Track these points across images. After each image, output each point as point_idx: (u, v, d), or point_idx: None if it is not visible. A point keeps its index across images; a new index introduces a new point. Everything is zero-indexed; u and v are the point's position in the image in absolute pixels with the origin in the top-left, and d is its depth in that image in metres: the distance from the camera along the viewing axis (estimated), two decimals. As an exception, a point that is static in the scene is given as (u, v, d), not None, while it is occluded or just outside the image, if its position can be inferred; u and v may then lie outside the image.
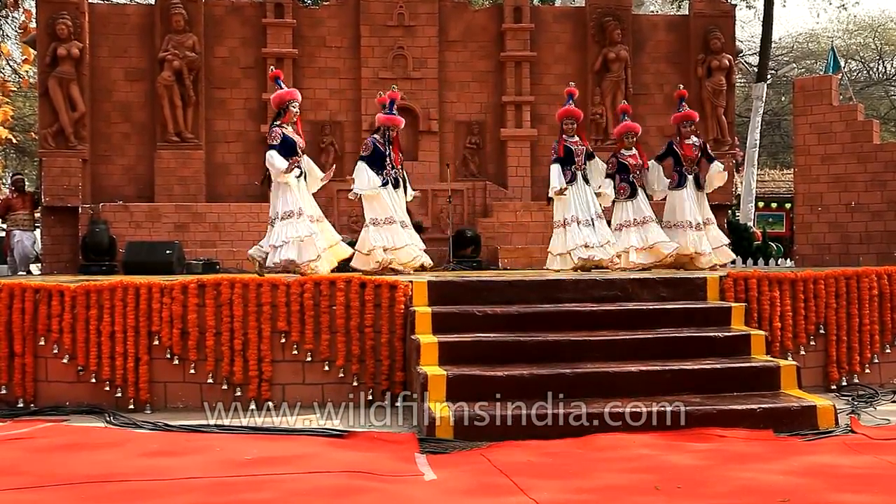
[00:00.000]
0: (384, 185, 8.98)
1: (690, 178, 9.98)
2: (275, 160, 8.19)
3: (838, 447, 5.44)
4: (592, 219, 9.50)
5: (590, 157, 9.83)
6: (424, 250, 9.28)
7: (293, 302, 6.80)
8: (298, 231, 8.10)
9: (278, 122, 8.46)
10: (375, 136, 9.14)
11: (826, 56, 20.97)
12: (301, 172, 8.41)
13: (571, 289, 7.27)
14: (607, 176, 9.99)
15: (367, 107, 14.14)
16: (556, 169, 9.56)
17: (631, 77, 14.45)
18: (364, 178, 8.96)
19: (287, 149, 8.28)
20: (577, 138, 9.78)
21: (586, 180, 9.66)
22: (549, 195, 9.69)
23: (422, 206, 13.77)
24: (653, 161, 10.26)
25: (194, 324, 6.75)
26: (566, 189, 9.46)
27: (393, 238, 8.92)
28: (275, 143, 8.30)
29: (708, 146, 10.14)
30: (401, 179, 9.24)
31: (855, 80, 31.52)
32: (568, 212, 9.48)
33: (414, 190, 9.59)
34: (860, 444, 5.49)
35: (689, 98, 14.45)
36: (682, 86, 10.87)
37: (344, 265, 8.82)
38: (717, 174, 10.06)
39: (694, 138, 10.16)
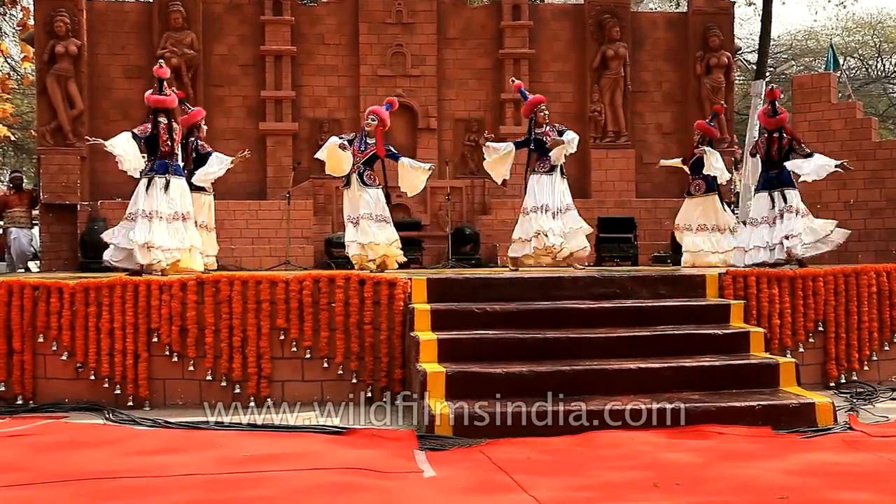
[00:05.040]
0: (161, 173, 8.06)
1: None
2: None
3: (837, 444, 5.44)
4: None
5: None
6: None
7: (292, 299, 6.79)
8: None
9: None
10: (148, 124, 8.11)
11: (825, 54, 20.98)
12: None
13: (570, 286, 7.27)
14: None
15: (365, 104, 14.13)
16: None
17: (630, 74, 14.48)
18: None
19: None
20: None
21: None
22: None
23: (420, 204, 13.79)
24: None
25: (193, 321, 6.74)
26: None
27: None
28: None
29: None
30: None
31: (853, 77, 31.51)
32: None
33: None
34: (859, 442, 5.49)
35: (687, 96, 14.58)
36: (514, 79, 10.79)
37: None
38: None
39: None
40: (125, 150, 8.04)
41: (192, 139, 9.48)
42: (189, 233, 8.22)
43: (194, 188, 9.21)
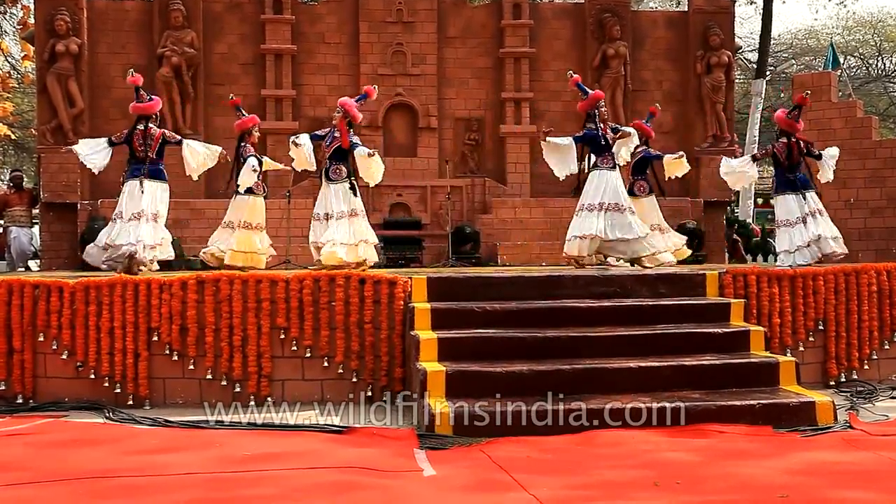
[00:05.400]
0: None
1: None
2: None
3: (837, 443, 5.45)
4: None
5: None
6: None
7: (292, 298, 6.80)
8: None
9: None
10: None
11: (825, 52, 20.98)
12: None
13: (571, 285, 7.27)
14: None
15: (366, 103, 14.14)
16: None
17: (630, 73, 14.45)
18: None
19: None
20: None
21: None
22: None
23: (420, 203, 13.79)
24: None
25: (193, 320, 6.75)
26: None
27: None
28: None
29: None
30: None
31: (854, 76, 31.50)
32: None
33: None
34: (859, 441, 5.49)
35: (687, 95, 14.57)
36: (571, 72, 10.27)
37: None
38: None
39: None
40: (80, 151, 8.45)
41: (243, 144, 9.50)
42: (159, 230, 8.29)
43: (246, 191, 9.37)
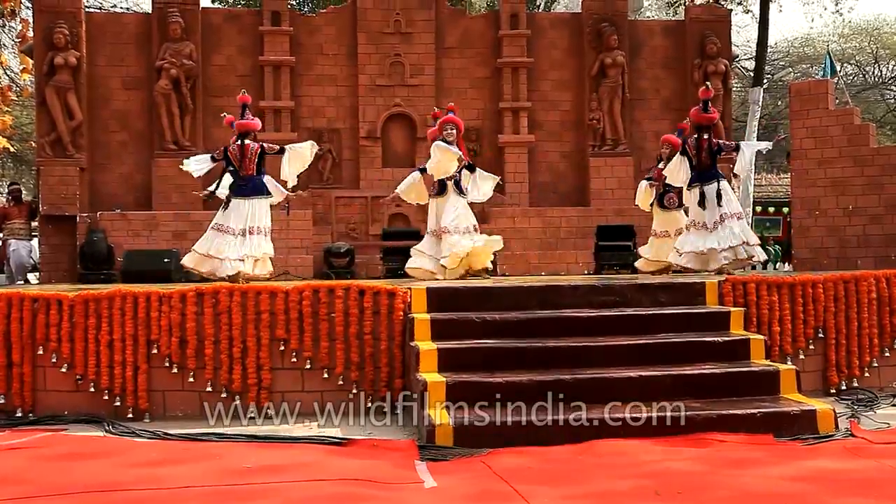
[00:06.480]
0: None
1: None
2: None
3: (838, 451, 5.44)
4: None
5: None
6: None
7: (292, 309, 6.79)
8: None
9: None
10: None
11: (822, 60, 21.05)
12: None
13: (570, 294, 7.27)
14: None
15: (364, 114, 14.17)
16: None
17: (628, 82, 14.50)
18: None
19: None
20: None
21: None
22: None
23: (420, 213, 13.78)
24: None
25: (193, 332, 6.74)
26: None
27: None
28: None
29: None
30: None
31: (851, 83, 31.57)
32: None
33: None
34: (860, 448, 5.49)
35: (685, 104, 14.57)
36: (708, 84, 10.14)
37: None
38: None
39: None
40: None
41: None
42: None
43: None
